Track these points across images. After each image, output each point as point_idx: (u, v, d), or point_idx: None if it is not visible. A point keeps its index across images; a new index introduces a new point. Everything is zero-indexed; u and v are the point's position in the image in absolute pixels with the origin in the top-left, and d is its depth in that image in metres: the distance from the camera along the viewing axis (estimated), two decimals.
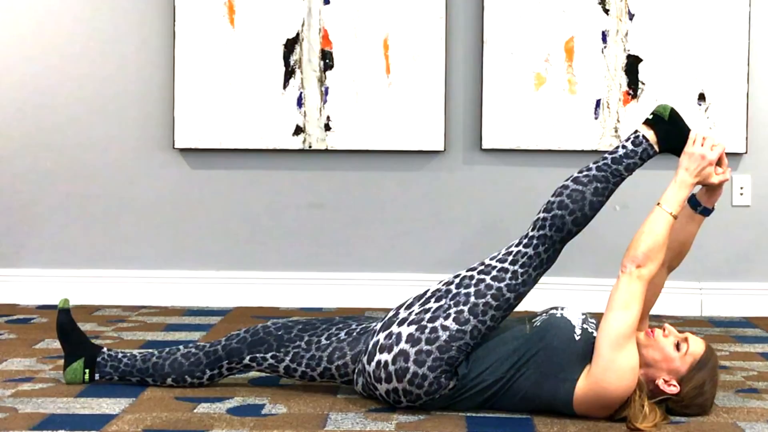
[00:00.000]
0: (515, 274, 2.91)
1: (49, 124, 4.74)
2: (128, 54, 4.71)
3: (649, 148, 3.00)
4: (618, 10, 4.56)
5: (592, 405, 2.82)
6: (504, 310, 2.90)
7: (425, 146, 4.62)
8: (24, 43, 4.72)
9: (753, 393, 3.20)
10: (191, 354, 3.14)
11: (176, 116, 4.64)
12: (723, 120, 4.56)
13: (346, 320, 3.12)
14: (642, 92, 4.57)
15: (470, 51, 4.64)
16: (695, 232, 3.06)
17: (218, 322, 4.31)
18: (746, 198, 4.64)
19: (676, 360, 2.83)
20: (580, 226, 2.93)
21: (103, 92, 4.72)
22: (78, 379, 3.16)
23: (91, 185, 4.74)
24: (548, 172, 4.59)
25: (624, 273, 2.84)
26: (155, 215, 4.74)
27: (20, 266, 4.76)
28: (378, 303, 4.62)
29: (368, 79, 4.61)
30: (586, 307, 4.13)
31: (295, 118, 4.64)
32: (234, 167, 4.72)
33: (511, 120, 4.59)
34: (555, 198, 2.94)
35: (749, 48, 4.56)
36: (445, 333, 2.85)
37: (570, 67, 4.58)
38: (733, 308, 4.63)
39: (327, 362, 3.02)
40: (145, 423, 2.79)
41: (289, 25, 4.63)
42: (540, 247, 2.92)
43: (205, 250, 4.73)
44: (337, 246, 4.72)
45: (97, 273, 4.73)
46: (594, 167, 2.97)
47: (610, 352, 2.77)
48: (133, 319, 4.35)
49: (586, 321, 2.95)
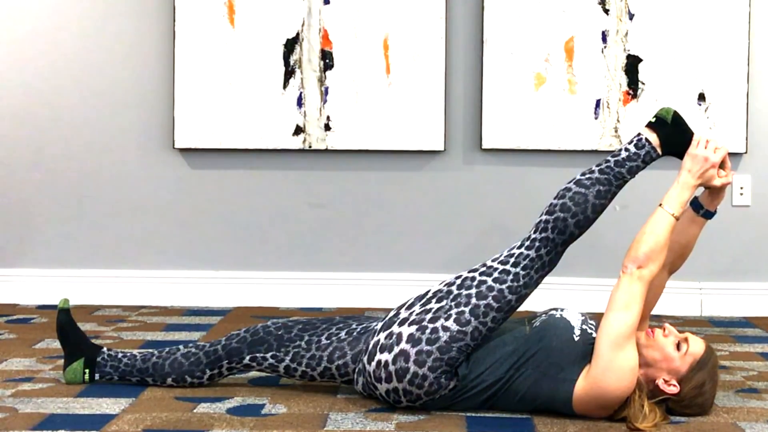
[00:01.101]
0: (517, 276, 2.91)
1: (49, 124, 4.74)
2: (128, 54, 4.71)
3: (652, 151, 2.99)
4: (618, 10, 4.56)
5: (591, 405, 2.82)
6: (505, 311, 2.90)
7: (425, 146, 4.62)
8: (24, 44, 4.72)
9: (753, 393, 3.20)
10: (191, 354, 3.14)
11: (176, 116, 4.64)
12: (723, 120, 4.56)
13: (347, 320, 3.12)
14: (642, 92, 4.57)
15: (470, 51, 4.64)
16: (697, 234, 3.06)
17: (218, 322, 4.31)
18: (746, 198, 4.64)
19: (676, 360, 2.83)
20: (582, 229, 2.93)
21: (103, 92, 4.72)
22: (78, 379, 3.16)
23: (91, 185, 4.74)
24: (548, 172, 4.60)
25: (625, 273, 2.84)
26: (155, 215, 4.74)
27: (20, 266, 4.76)
28: (378, 303, 4.62)
29: (368, 79, 4.61)
30: (587, 308, 4.15)
31: (295, 118, 4.64)
32: (234, 167, 4.72)
33: (511, 120, 4.59)
34: (557, 200, 2.94)
35: (749, 48, 4.56)
36: (445, 334, 2.85)
37: (570, 67, 4.58)
38: (733, 308, 4.63)
39: (327, 362, 3.02)
40: (145, 423, 2.79)
41: (289, 25, 4.63)
42: (542, 249, 2.92)
43: (205, 250, 4.73)
44: (337, 246, 4.72)
45: (97, 273, 4.73)
46: (596, 170, 2.97)
47: (609, 352, 2.77)
48: (133, 319, 4.35)
49: (585, 322, 2.96)
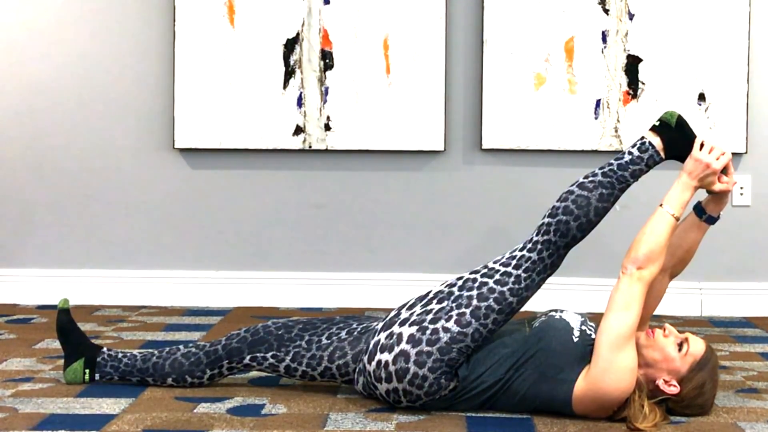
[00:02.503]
0: (518, 278, 2.91)
1: (48, 124, 4.74)
2: (128, 54, 4.71)
3: (656, 155, 2.99)
4: (618, 10, 4.56)
5: (590, 405, 2.82)
6: (506, 314, 2.90)
7: (425, 146, 4.62)
8: (24, 44, 4.72)
9: (753, 393, 3.20)
10: (191, 354, 3.14)
11: (176, 116, 4.64)
12: (723, 120, 4.56)
13: (347, 320, 3.12)
14: (642, 92, 4.57)
15: (470, 51, 4.64)
16: (699, 239, 3.06)
17: (218, 322, 4.31)
18: (746, 198, 4.64)
19: (677, 360, 2.83)
20: (584, 232, 2.92)
21: (103, 92, 4.72)
22: (78, 379, 3.16)
23: (91, 185, 4.74)
24: (548, 172, 4.60)
25: (625, 274, 2.84)
26: (155, 215, 4.74)
27: (20, 266, 4.76)
28: (378, 303, 4.62)
29: (368, 79, 4.61)
30: (587, 308, 4.15)
31: (295, 118, 4.64)
32: (234, 167, 4.71)
33: (511, 120, 4.59)
34: (560, 203, 2.94)
35: (749, 48, 4.56)
36: (446, 335, 2.85)
37: (570, 67, 4.58)
38: (733, 308, 4.63)
39: (328, 362, 3.02)
40: (145, 423, 2.79)
41: (289, 25, 4.63)
42: (544, 252, 2.92)
43: (205, 250, 4.73)
44: (338, 246, 4.72)
45: (97, 273, 4.73)
46: (599, 173, 2.97)
47: (609, 353, 2.77)
48: (133, 319, 4.35)
49: (584, 323, 2.96)
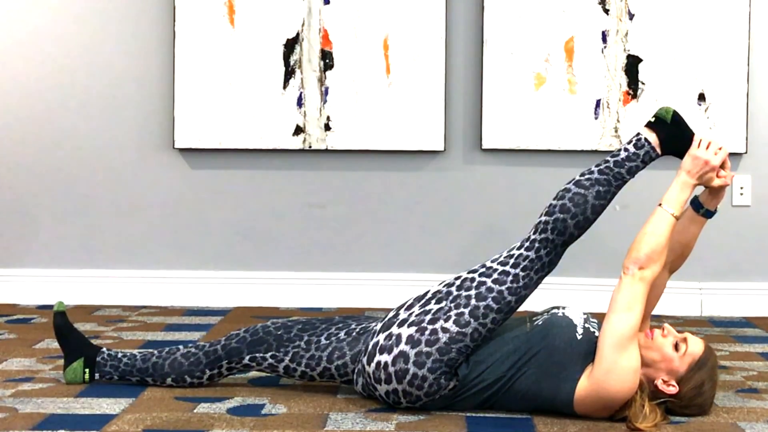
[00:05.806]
0: (516, 277, 2.91)
1: (48, 124, 4.74)
2: (128, 54, 4.71)
3: (652, 151, 2.99)
4: (618, 10, 4.56)
5: (593, 405, 2.82)
6: (505, 313, 2.89)
7: (425, 146, 4.62)
8: (24, 44, 4.72)
9: (753, 393, 3.20)
10: (191, 354, 3.14)
11: (176, 116, 4.64)
12: (723, 120, 4.56)
13: (346, 320, 3.12)
14: (642, 92, 4.57)
15: (470, 51, 4.64)
16: (697, 234, 3.05)
17: (218, 322, 4.31)
18: (746, 198, 4.64)
19: (675, 360, 2.83)
20: (582, 230, 2.92)
21: (103, 92, 4.72)
22: (78, 378, 3.16)
23: (91, 185, 4.74)
24: (548, 173, 4.60)
25: (626, 274, 2.84)
26: (155, 215, 4.74)
27: (20, 266, 4.76)
28: (378, 303, 4.62)
29: (368, 79, 4.61)
30: (587, 308, 4.14)
31: (295, 118, 4.64)
32: (234, 167, 4.72)
33: (511, 120, 4.59)
34: (557, 201, 2.94)
35: (749, 48, 4.56)
36: (445, 335, 2.85)
37: (570, 67, 4.58)
38: (733, 308, 4.63)
39: (326, 362, 3.02)
40: (145, 423, 2.79)
41: (289, 25, 4.63)
42: (542, 250, 2.92)
43: (205, 250, 4.73)
44: (338, 246, 4.72)
45: (97, 273, 4.73)
46: (596, 170, 2.96)
47: (612, 354, 2.77)
48: (133, 319, 4.35)
49: (587, 320, 2.95)
